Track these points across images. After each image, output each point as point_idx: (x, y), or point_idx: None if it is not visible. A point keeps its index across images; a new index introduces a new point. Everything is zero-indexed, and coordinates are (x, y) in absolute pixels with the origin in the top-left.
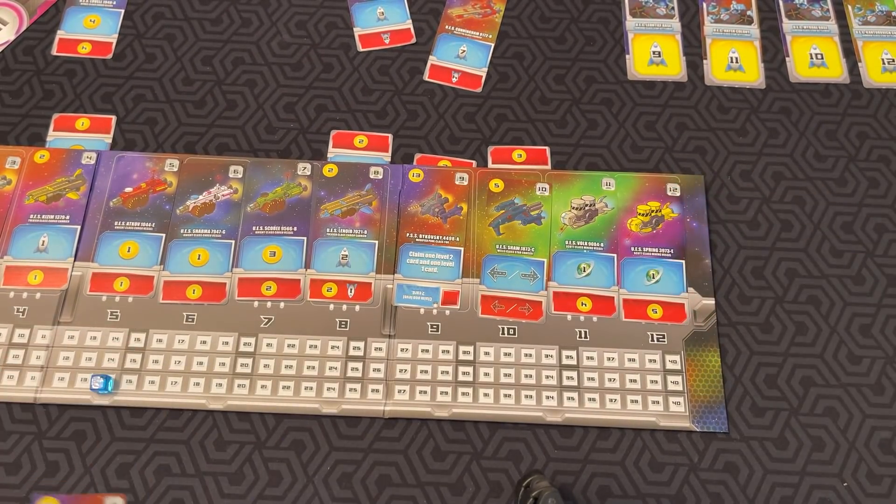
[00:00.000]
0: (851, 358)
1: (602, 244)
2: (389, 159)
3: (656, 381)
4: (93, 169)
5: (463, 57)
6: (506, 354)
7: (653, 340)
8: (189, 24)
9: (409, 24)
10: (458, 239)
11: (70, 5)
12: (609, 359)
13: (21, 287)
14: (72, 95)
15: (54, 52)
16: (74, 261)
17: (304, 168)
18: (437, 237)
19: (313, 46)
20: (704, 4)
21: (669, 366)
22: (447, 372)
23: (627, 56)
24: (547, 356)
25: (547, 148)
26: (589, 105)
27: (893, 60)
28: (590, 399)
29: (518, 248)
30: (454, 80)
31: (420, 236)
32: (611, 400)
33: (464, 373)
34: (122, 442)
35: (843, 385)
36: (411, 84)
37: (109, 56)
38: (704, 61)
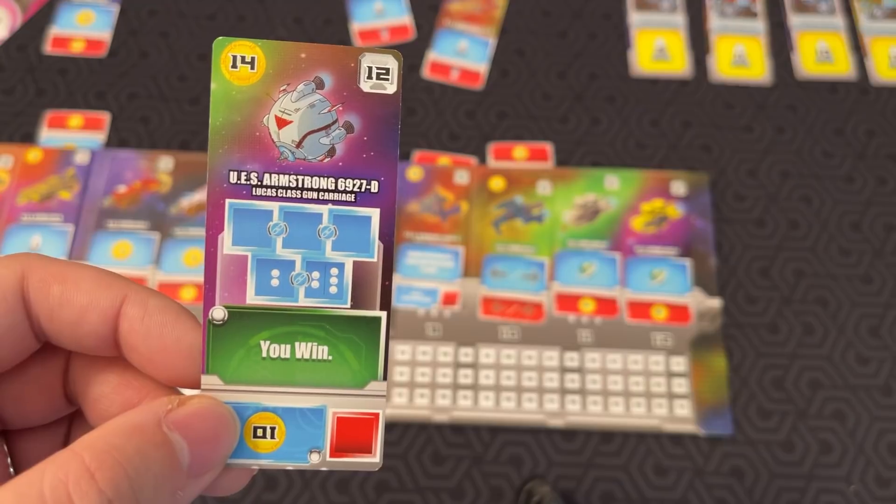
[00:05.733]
0: (859, 359)
1: (605, 243)
2: None
3: (661, 384)
4: (86, 167)
5: (463, 52)
6: (507, 357)
7: (657, 342)
8: (184, 20)
9: (407, 19)
10: (458, 238)
11: (63, 2)
12: (612, 361)
13: None
14: (65, 93)
15: (47, 49)
16: None
17: None
18: (437, 236)
19: (310, 42)
20: None
21: (674, 368)
22: (447, 374)
23: (631, 52)
24: (549, 358)
25: (549, 145)
26: (592, 101)
27: None
28: (593, 402)
29: (519, 247)
30: (454, 75)
31: (419, 236)
32: (614, 403)
33: (464, 375)
34: None
35: (851, 387)
36: (410, 80)
37: (103, 53)
38: (709, 57)
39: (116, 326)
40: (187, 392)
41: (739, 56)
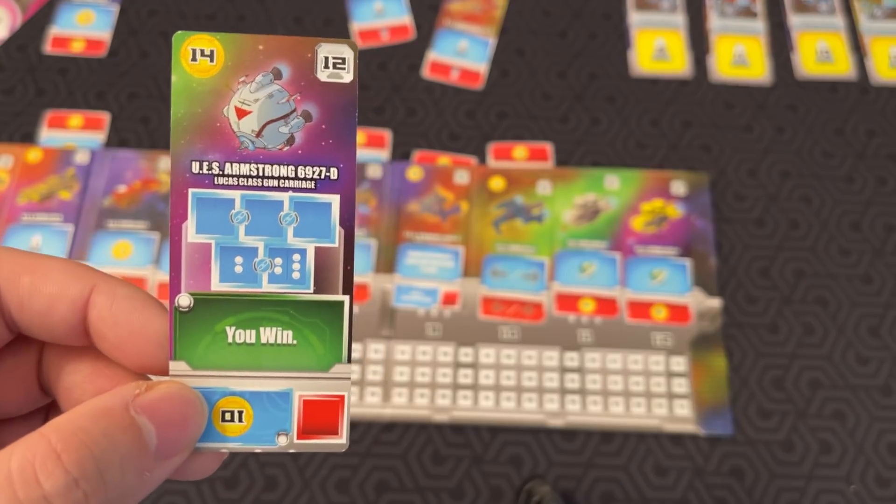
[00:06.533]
0: (859, 359)
1: (605, 243)
2: (388, 157)
3: (661, 384)
4: (86, 167)
5: (463, 52)
6: (507, 357)
7: (657, 342)
8: (184, 19)
9: (407, 19)
10: (458, 238)
11: (63, 2)
12: (612, 361)
13: None
14: (65, 93)
15: (47, 49)
16: None
17: None
18: (437, 236)
19: None
20: None
21: (674, 368)
22: (447, 374)
23: (631, 51)
24: (549, 358)
25: (549, 145)
26: (592, 101)
27: None
28: (593, 402)
29: (519, 247)
30: (454, 75)
31: (419, 235)
32: (614, 403)
33: (464, 375)
34: None
35: (851, 387)
36: (410, 80)
37: (103, 53)
38: (709, 57)
39: (86, 315)
40: (157, 378)
41: (739, 56)
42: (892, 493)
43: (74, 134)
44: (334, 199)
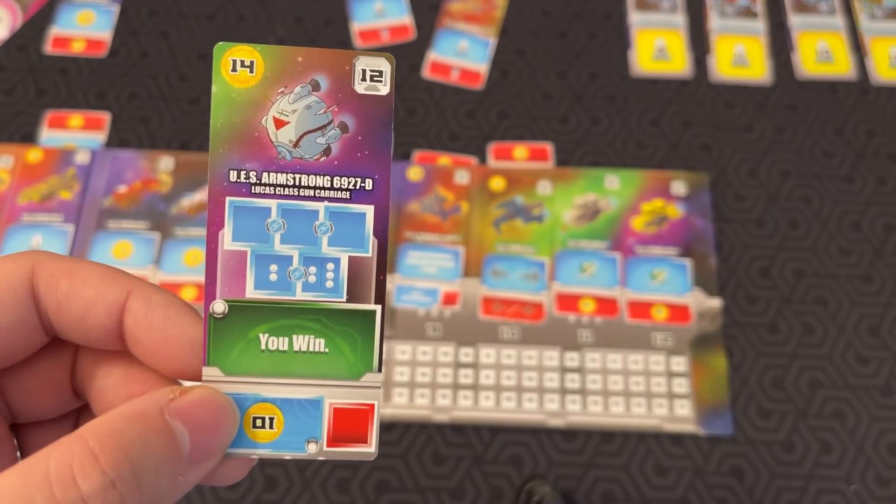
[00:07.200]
0: (859, 359)
1: (605, 243)
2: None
3: (661, 384)
4: (86, 167)
5: (463, 52)
6: (507, 356)
7: (657, 342)
8: (184, 20)
9: (408, 19)
10: (458, 238)
11: (63, 2)
12: (613, 361)
13: None
14: (65, 93)
15: (48, 49)
16: None
17: None
18: (437, 236)
19: (310, 42)
20: None
21: (675, 368)
22: (447, 374)
23: (631, 52)
24: (549, 358)
25: (549, 145)
26: (592, 101)
27: None
28: (593, 402)
29: (519, 247)
30: (454, 75)
31: (419, 236)
32: (614, 403)
33: (464, 375)
34: None
35: (851, 387)
36: (410, 80)
37: (103, 53)
38: (709, 57)
39: (121, 320)
40: (189, 384)
41: (739, 56)
42: (892, 493)
43: (75, 134)
44: (369, 210)
